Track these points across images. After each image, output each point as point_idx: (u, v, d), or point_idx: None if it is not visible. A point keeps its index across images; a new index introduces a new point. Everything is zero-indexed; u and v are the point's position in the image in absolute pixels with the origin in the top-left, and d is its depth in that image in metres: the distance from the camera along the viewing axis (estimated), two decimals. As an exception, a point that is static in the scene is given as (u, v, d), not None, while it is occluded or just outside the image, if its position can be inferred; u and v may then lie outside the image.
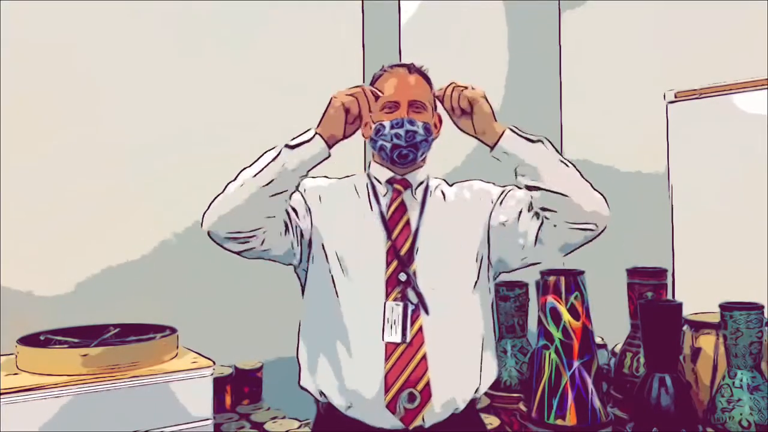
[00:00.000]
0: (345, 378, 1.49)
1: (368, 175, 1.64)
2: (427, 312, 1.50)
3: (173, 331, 2.13)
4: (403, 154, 1.54)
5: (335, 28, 2.81)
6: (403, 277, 1.50)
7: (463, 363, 1.55)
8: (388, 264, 1.51)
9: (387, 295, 1.49)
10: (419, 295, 1.50)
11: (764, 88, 2.55)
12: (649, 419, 1.84)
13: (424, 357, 1.48)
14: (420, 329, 1.49)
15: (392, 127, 1.52)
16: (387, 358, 1.46)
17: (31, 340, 2.01)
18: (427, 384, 1.47)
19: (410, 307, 1.49)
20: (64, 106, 2.31)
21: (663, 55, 2.92)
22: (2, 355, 2.04)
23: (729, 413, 1.83)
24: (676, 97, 2.82)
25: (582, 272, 2.05)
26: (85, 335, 2.09)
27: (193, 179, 2.50)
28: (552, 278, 2.03)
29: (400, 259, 1.51)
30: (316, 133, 1.46)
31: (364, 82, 2.93)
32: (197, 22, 2.53)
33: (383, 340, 1.47)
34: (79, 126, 2.33)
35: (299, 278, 1.63)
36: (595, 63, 3.23)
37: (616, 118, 3.10)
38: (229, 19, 2.58)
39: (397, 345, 1.47)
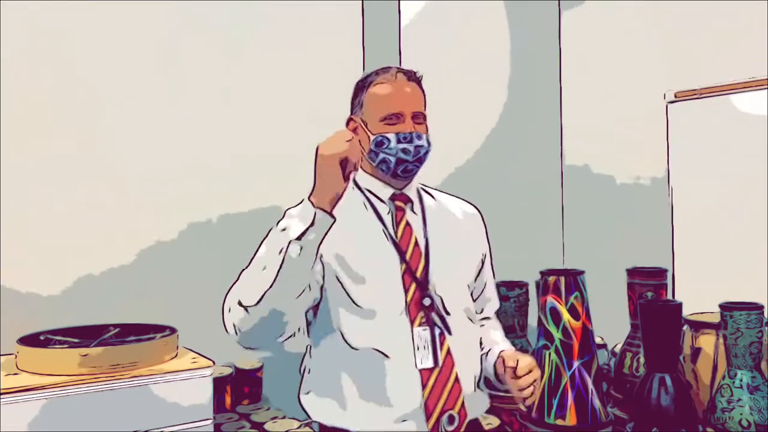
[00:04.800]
0: (379, 409, 1.45)
1: (360, 189, 1.58)
2: (450, 333, 1.49)
3: (173, 331, 2.13)
4: (408, 169, 1.51)
5: (335, 28, 2.81)
6: (427, 301, 1.48)
7: (477, 378, 1.57)
8: (406, 289, 1.49)
9: (412, 321, 1.47)
10: (442, 317, 1.49)
11: (764, 88, 2.54)
12: (649, 419, 1.84)
13: (456, 379, 1.49)
14: (448, 352, 1.49)
15: (399, 142, 1.48)
16: (424, 385, 1.45)
17: (31, 340, 2.01)
18: (462, 404, 1.48)
19: (437, 331, 1.48)
20: (66, 106, 2.31)
21: (663, 55, 2.91)
22: (2, 355, 2.04)
23: (729, 413, 1.83)
24: (676, 97, 2.82)
25: (582, 272, 2.05)
26: (85, 335, 2.08)
27: (193, 179, 2.50)
28: (552, 278, 2.03)
29: (419, 283, 1.49)
30: (313, 206, 1.32)
31: (364, 82, 2.95)
32: (195, 23, 2.53)
33: (416, 367, 1.45)
34: (81, 126, 2.33)
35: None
36: (595, 63, 3.23)
37: (616, 118, 3.10)
38: (228, 19, 2.58)
39: (431, 370, 1.46)
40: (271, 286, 1.28)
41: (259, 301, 1.29)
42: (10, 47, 2.21)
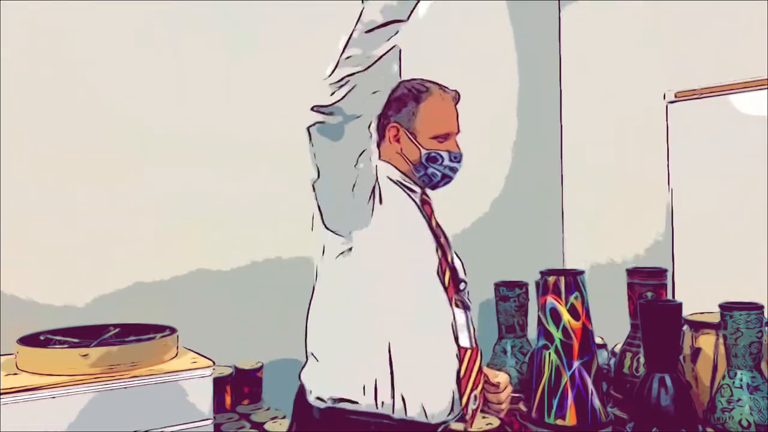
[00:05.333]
0: (417, 382, 1.47)
1: (394, 181, 1.61)
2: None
3: (173, 331, 2.13)
4: (446, 184, 1.62)
5: (335, 28, 2.80)
6: (463, 285, 1.57)
7: None
8: (443, 271, 1.55)
9: (450, 302, 1.53)
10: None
11: (764, 88, 2.55)
12: (649, 419, 1.84)
13: (481, 361, 1.56)
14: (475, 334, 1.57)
15: (451, 160, 1.59)
16: (461, 363, 1.50)
17: (31, 340, 2.01)
18: (483, 387, 1.56)
19: (469, 314, 1.56)
20: (66, 106, 2.31)
21: (663, 55, 2.92)
22: (2, 355, 2.04)
23: (729, 413, 1.84)
24: (676, 97, 2.82)
25: (582, 272, 2.05)
26: (85, 335, 2.08)
27: (193, 179, 2.50)
28: (552, 278, 2.03)
29: (452, 269, 1.57)
30: None
31: (364, 82, 2.94)
32: (195, 23, 2.53)
33: (459, 345, 1.51)
34: (81, 126, 2.33)
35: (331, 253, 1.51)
36: (595, 63, 3.23)
37: (616, 118, 3.10)
38: (228, 19, 2.58)
39: (467, 350, 1.52)
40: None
41: None
42: (10, 47, 2.21)
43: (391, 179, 1.60)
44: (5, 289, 2.19)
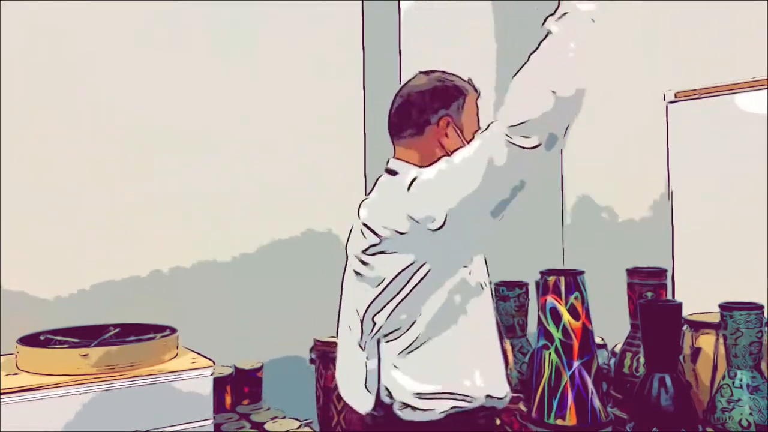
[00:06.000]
0: (488, 376, 1.50)
1: None
2: None
3: (173, 331, 2.13)
4: None
5: (335, 28, 2.81)
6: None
7: None
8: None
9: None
10: None
11: (764, 88, 2.54)
12: (649, 419, 1.84)
13: None
14: None
15: None
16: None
17: (31, 340, 2.01)
18: None
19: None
20: (66, 106, 2.31)
21: (663, 55, 2.91)
22: (2, 355, 2.04)
23: (729, 413, 1.83)
24: (676, 97, 2.81)
25: (582, 272, 2.05)
26: (85, 335, 2.09)
27: (193, 178, 2.50)
28: (552, 278, 2.02)
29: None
30: None
31: (364, 82, 2.94)
32: (196, 23, 2.53)
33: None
34: (81, 127, 2.33)
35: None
36: (595, 63, 3.22)
37: (616, 118, 3.10)
38: (228, 19, 2.58)
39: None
40: None
41: None
42: (10, 47, 2.21)
43: None
44: (5, 289, 2.19)
